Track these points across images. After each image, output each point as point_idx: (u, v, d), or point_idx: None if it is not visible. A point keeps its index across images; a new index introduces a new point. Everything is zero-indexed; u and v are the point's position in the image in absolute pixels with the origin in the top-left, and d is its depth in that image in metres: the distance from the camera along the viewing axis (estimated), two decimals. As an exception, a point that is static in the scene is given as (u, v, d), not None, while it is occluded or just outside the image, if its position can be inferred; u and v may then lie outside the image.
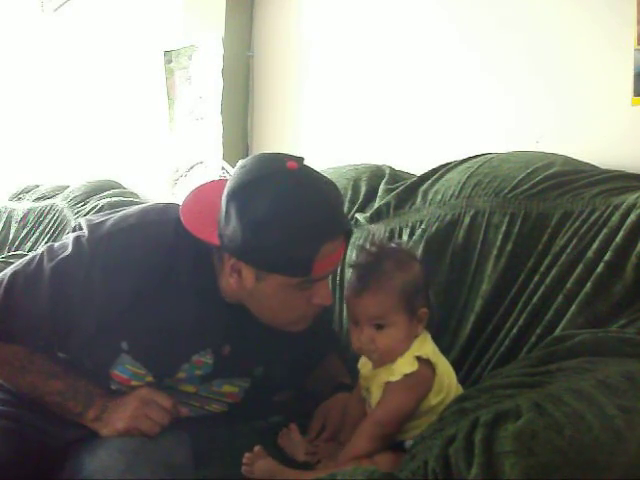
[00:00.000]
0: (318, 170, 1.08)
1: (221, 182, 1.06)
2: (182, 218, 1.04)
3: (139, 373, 1.10)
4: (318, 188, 1.02)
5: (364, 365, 1.14)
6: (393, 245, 1.17)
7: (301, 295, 1.04)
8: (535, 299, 1.23)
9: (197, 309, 1.08)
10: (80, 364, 1.12)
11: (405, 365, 1.04)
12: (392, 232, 1.51)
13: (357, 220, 1.60)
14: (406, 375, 1.03)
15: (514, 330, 1.24)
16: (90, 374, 1.11)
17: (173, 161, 2.62)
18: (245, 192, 0.98)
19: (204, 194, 1.09)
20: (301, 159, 1.05)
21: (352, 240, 1.58)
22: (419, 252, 1.39)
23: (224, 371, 1.16)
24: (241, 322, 1.11)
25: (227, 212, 0.99)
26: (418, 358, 1.05)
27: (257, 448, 1.06)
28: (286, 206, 0.97)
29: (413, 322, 1.08)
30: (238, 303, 1.10)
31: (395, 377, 1.04)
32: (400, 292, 1.06)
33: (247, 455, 1.05)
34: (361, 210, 1.62)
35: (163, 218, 1.08)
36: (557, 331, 1.17)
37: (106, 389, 1.11)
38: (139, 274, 1.04)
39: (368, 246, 1.12)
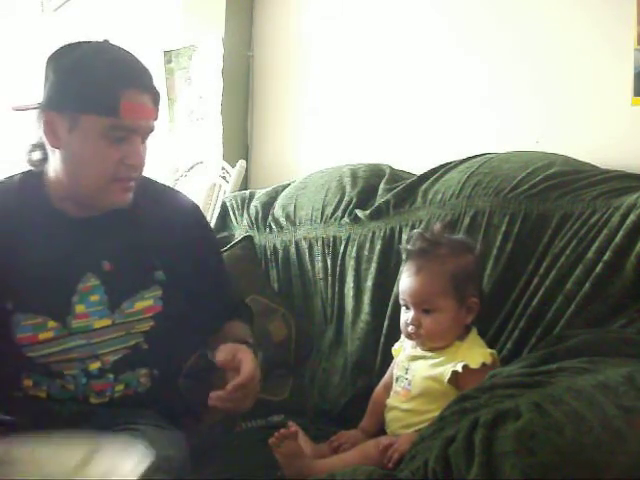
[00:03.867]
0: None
1: None
2: (13, 108, 1.22)
3: (38, 323, 1.12)
4: (124, 50, 1.16)
5: (401, 349, 1.21)
6: (450, 235, 1.23)
7: (113, 147, 1.09)
8: (535, 300, 1.23)
9: (54, 241, 1.14)
10: None
11: (483, 355, 1.11)
12: (392, 231, 1.51)
13: (356, 216, 1.60)
14: (484, 364, 1.09)
15: (515, 332, 1.24)
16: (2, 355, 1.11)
17: (173, 161, 2.62)
18: (59, 52, 1.13)
19: None
20: None
21: (352, 237, 1.58)
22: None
23: (119, 287, 1.17)
24: (108, 234, 1.17)
25: (46, 75, 1.11)
26: (491, 355, 1.12)
27: (293, 428, 1.10)
28: (94, 54, 1.10)
29: (462, 310, 1.14)
30: (83, 218, 1.16)
31: (475, 365, 1.09)
32: (450, 278, 1.13)
33: (282, 431, 1.09)
34: (361, 207, 1.62)
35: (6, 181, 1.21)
36: (557, 331, 1.17)
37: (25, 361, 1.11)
38: None
39: (425, 233, 1.20)
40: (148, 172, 1.28)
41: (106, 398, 1.17)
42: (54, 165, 1.14)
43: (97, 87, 1.07)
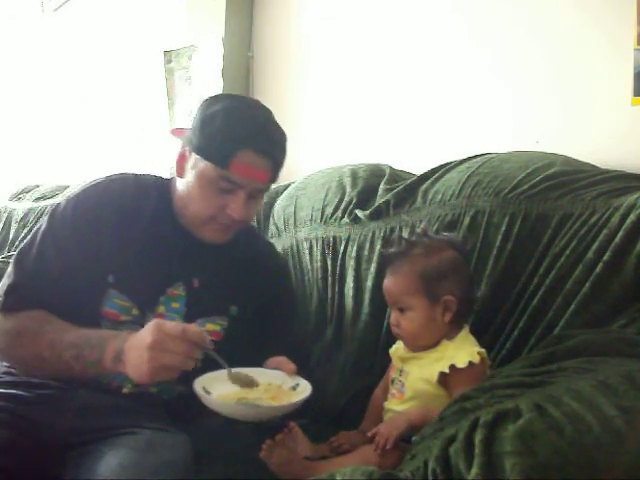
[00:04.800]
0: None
1: None
2: (171, 131, 1.34)
3: (125, 305, 1.22)
4: (266, 116, 1.25)
5: (397, 350, 1.21)
6: (432, 234, 1.23)
7: (218, 195, 1.20)
8: (535, 300, 1.23)
9: (165, 244, 1.26)
10: (75, 314, 1.18)
11: (471, 354, 1.10)
12: (392, 231, 1.51)
13: (356, 216, 1.60)
14: (471, 363, 1.08)
15: (515, 332, 1.24)
16: (84, 320, 1.18)
17: (173, 161, 2.62)
18: (211, 99, 1.26)
19: None
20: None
21: (352, 236, 1.59)
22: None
23: (198, 305, 1.27)
24: (206, 258, 1.28)
25: (195, 115, 1.24)
26: (479, 354, 1.10)
27: (279, 436, 1.11)
28: (231, 111, 1.21)
29: (436, 309, 1.14)
30: (192, 235, 1.27)
31: (461, 364, 1.08)
32: (418, 277, 1.14)
33: (268, 442, 1.10)
34: (361, 207, 1.62)
35: (122, 175, 1.34)
36: (556, 331, 1.17)
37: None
38: (111, 216, 1.24)
39: (403, 235, 1.22)
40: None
41: (135, 389, 1.21)
42: (176, 194, 1.29)
43: (218, 140, 1.18)
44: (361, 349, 1.49)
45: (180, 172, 1.26)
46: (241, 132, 1.18)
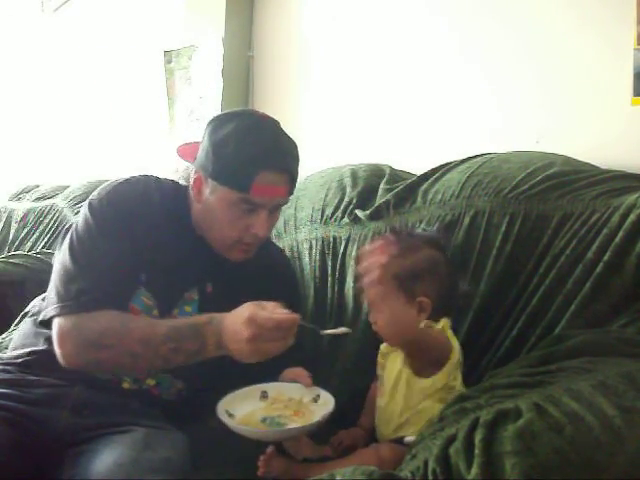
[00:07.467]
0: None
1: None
2: (177, 151, 1.32)
3: (149, 304, 1.23)
4: (276, 130, 1.24)
5: (383, 347, 1.23)
6: (413, 232, 1.23)
7: (241, 217, 1.21)
8: (535, 300, 1.23)
9: (183, 249, 1.27)
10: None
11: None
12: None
13: (356, 216, 1.60)
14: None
15: (514, 332, 1.24)
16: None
17: (173, 161, 2.62)
18: (218, 121, 1.24)
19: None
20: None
21: (352, 236, 1.59)
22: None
23: (210, 310, 1.24)
24: (219, 265, 1.29)
25: (203, 137, 1.24)
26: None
27: (270, 449, 1.10)
28: (243, 132, 1.19)
29: (411, 309, 1.11)
30: (208, 243, 1.28)
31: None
32: (393, 276, 1.11)
33: (262, 458, 1.09)
34: (361, 207, 1.62)
35: (145, 177, 1.32)
36: (556, 331, 1.17)
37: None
38: (141, 216, 1.24)
39: (388, 233, 1.21)
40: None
41: (134, 385, 1.22)
42: (195, 209, 1.29)
43: (235, 165, 1.18)
44: (361, 349, 1.48)
45: (199, 198, 1.25)
46: (256, 154, 1.18)
